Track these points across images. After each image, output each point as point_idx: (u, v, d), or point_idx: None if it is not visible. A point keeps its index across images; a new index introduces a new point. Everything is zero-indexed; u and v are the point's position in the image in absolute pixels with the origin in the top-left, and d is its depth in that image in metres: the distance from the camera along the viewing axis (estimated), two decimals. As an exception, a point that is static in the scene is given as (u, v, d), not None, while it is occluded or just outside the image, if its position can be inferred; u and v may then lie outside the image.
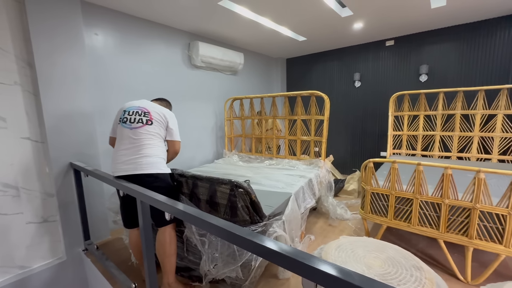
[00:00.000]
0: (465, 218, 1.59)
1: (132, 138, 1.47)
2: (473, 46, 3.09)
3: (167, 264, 1.46)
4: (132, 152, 1.45)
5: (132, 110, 1.54)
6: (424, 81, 3.43)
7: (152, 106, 1.58)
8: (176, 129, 1.60)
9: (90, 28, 2.25)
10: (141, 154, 1.44)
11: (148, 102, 1.61)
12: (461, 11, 2.71)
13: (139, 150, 1.45)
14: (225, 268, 1.33)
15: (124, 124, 1.52)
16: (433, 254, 1.95)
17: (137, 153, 1.45)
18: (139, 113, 1.52)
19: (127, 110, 1.55)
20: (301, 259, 0.63)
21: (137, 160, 1.43)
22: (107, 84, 2.42)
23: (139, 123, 1.49)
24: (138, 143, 1.46)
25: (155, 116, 1.53)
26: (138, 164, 1.43)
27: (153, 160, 1.46)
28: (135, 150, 1.45)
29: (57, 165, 1.90)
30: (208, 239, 1.42)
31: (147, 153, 1.45)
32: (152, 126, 1.50)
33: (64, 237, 1.97)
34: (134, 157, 1.44)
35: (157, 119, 1.53)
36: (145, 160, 1.44)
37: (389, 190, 1.84)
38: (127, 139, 1.48)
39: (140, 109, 1.54)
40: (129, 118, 1.51)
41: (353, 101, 4.11)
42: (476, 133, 2.89)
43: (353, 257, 1.23)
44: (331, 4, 2.43)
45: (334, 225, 2.52)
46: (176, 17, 2.66)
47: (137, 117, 1.50)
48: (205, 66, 3.29)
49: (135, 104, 1.57)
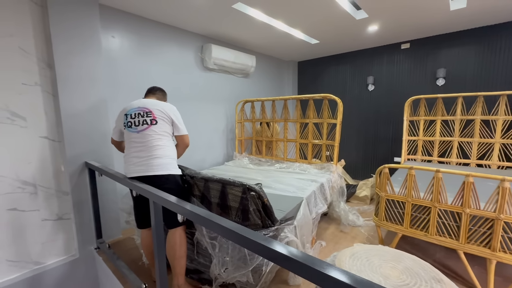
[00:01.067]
0: (487, 229, 1.50)
1: (141, 141, 1.47)
2: (494, 49, 2.97)
3: (177, 266, 1.45)
4: (142, 154, 1.46)
5: (134, 112, 1.52)
6: (441, 85, 3.33)
7: (152, 103, 1.55)
8: (181, 122, 1.58)
9: (107, 31, 2.31)
10: (152, 156, 1.45)
11: (146, 100, 1.58)
12: (482, 13, 2.62)
13: (149, 151, 1.46)
14: (235, 272, 1.31)
15: (130, 128, 1.51)
16: (451, 266, 1.86)
17: (148, 154, 1.45)
18: (141, 114, 1.50)
19: (128, 113, 1.53)
20: (317, 266, 0.60)
21: (148, 161, 1.44)
22: (122, 85, 2.47)
23: (144, 125, 1.48)
24: (148, 145, 1.46)
25: (158, 114, 1.50)
26: (149, 165, 1.44)
27: (164, 161, 1.46)
28: (145, 152, 1.46)
29: (73, 164, 1.95)
30: (218, 243, 1.41)
31: (157, 154, 1.46)
32: (157, 125, 1.49)
33: (77, 235, 2.01)
34: (144, 158, 1.45)
35: (161, 117, 1.50)
36: (155, 162, 1.44)
37: (405, 197, 1.78)
38: (136, 142, 1.48)
39: (141, 109, 1.51)
40: (133, 121, 1.50)
41: (366, 104, 4.03)
42: (497, 139, 2.76)
43: (368, 266, 1.18)
44: (345, 6, 2.39)
45: (346, 231, 2.46)
46: (190, 20, 2.70)
47: (140, 119, 1.49)
48: (217, 68, 3.31)
49: (134, 106, 1.55)
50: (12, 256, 1.78)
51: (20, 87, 1.75)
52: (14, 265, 1.79)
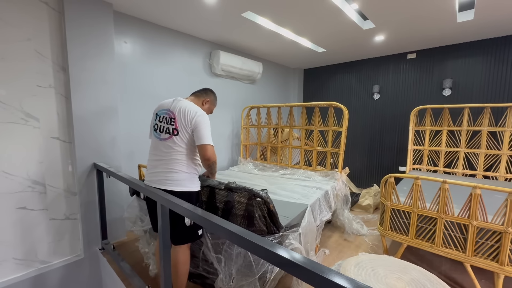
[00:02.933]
0: (495, 242, 1.49)
1: (162, 150, 1.41)
2: (501, 61, 2.97)
3: (178, 282, 1.42)
4: (161, 164, 1.41)
5: (162, 115, 1.44)
6: (447, 96, 3.32)
7: (180, 107, 1.41)
8: (204, 130, 1.38)
9: (120, 36, 2.38)
10: (169, 169, 1.38)
11: (178, 102, 1.45)
12: (489, 25, 2.63)
13: (167, 164, 1.39)
14: (243, 281, 1.32)
15: (155, 132, 1.45)
16: (457, 279, 1.83)
17: (166, 167, 1.39)
18: (166, 119, 1.42)
19: (158, 114, 1.46)
20: (324, 274, 0.61)
21: (164, 174, 1.39)
22: (132, 90, 2.52)
23: (166, 134, 1.40)
24: (168, 157, 1.39)
25: (180, 122, 1.39)
26: (165, 179, 1.38)
27: (180, 177, 1.38)
28: (164, 163, 1.40)
29: (82, 165, 1.98)
30: (224, 256, 1.41)
31: (174, 169, 1.38)
32: (178, 136, 1.38)
33: (83, 235, 2.03)
34: (162, 170, 1.40)
35: (182, 125, 1.38)
36: (171, 176, 1.38)
37: (411, 208, 1.77)
38: (158, 150, 1.43)
39: (168, 114, 1.42)
40: (160, 126, 1.43)
41: (371, 113, 4.03)
42: (505, 151, 2.74)
43: (373, 276, 1.17)
44: (353, 17, 2.43)
45: (350, 240, 2.44)
46: (200, 27, 2.76)
47: (165, 126, 1.41)
48: (224, 74, 3.36)
49: (165, 106, 1.46)
50: (19, 254, 1.81)
51: (35, 89, 1.80)
52: (21, 263, 1.82)
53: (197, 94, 1.63)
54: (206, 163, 1.45)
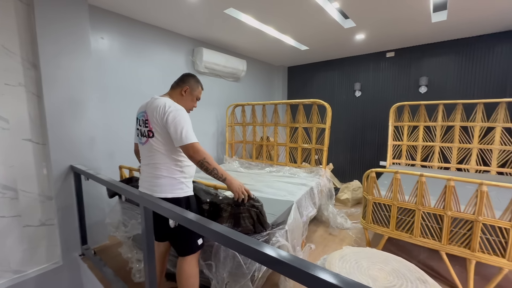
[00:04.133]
0: (467, 231, 1.59)
1: (146, 155, 1.33)
2: (471, 60, 3.15)
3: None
4: (147, 169, 1.33)
5: (140, 117, 1.33)
6: (423, 93, 3.48)
7: (153, 106, 1.26)
8: (179, 128, 1.19)
9: (97, 32, 2.27)
10: (152, 175, 1.29)
11: (153, 101, 1.30)
12: (461, 26, 2.78)
13: (151, 169, 1.30)
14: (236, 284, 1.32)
15: (137, 137, 1.38)
16: (434, 266, 1.94)
17: (149, 171, 1.31)
18: (144, 122, 1.30)
19: (138, 117, 1.36)
20: (309, 269, 0.62)
21: (150, 180, 1.30)
22: (111, 87, 2.42)
23: (144, 137, 1.31)
24: (150, 162, 1.30)
25: (153, 122, 1.25)
26: (150, 185, 1.29)
27: (162, 182, 1.27)
28: (148, 168, 1.32)
29: (58, 168, 1.88)
30: (214, 262, 1.40)
31: (157, 174, 1.28)
32: (155, 138, 1.26)
33: (61, 241, 1.94)
34: (147, 175, 1.32)
35: (156, 125, 1.24)
36: (154, 182, 1.28)
37: (391, 201, 1.84)
38: (143, 155, 1.36)
39: (143, 115, 1.31)
40: (140, 130, 1.33)
41: (353, 110, 4.15)
42: (475, 145, 2.92)
43: (357, 268, 1.21)
44: (334, 15, 2.47)
45: (334, 234, 2.50)
46: (182, 24, 2.69)
47: (143, 129, 1.31)
48: (208, 72, 3.31)
49: (142, 108, 1.35)
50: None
51: (2, 88, 1.68)
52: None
53: (173, 86, 1.42)
54: (194, 163, 1.26)
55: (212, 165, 1.24)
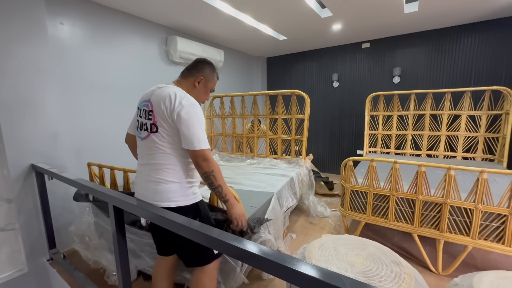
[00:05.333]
0: (437, 213, 1.68)
1: (144, 153, 1.12)
2: (440, 50, 3.30)
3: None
4: (144, 170, 1.12)
5: (142, 108, 1.12)
6: (397, 83, 3.61)
7: (159, 95, 1.06)
8: (193, 128, 1.01)
9: (54, 17, 2.06)
10: (153, 178, 1.08)
11: (159, 89, 1.10)
12: (431, 17, 2.88)
13: (150, 171, 1.09)
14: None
15: (137, 131, 1.16)
16: (407, 248, 2.04)
17: (150, 175, 1.09)
18: (146, 113, 1.09)
19: (139, 107, 1.15)
20: (285, 262, 0.60)
21: (150, 185, 1.08)
22: (75, 78, 2.23)
23: (145, 132, 1.09)
24: (152, 161, 1.08)
25: (158, 115, 1.05)
26: (151, 191, 1.08)
27: (165, 188, 1.06)
28: (147, 169, 1.10)
29: (16, 167, 1.71)
30: None
31: (160, 178, 1.06)
32: (158, 134, 1.05)
33: (24, 247, 1.78)
34: (145, 179, 1.11)
35: (163, 120, 1.04)
36: (157, 188, 1.06)
37: (367, 188, 1.90)
38: (141, 152, 1.15)
39: (147, 105, 1.10)
40: (140, 122, 1.13)
41: (331, 100, 4.21)
42: (443, 132, 3.10)
43: (335, 255, 1.23)
44: (311, 4, 2.44)
45: (315, 222, 2.56)
46: (153, 10, 2.52)
47: (144, 121, 1.10)
48: (183, 62, 3.17)
49: (145, 97, 1.14)
50: None
51: None
52: None
53: (184, 74, 1.19)
54: (199, 172, 1.06)
55: (218, 181, 1.06)
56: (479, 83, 3.11)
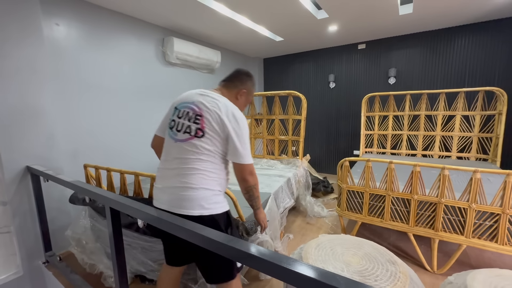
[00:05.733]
0: (431, 212, 1.70)
1: (175, 156, 1.05)
2: (434, 52, 3.34)
3: None
4: (172, 175, 1.04)
5: (183, 109, 1.08)
6: (392, 84, 3.64)
7: (208, 102, 1.05)
8: (244, 142, 1.04)
9: (50, 17, 2.04)
10: (185, 184, 1.00)
11: (207, 95, 1.09)
12: (425, 19, 2.92)
13: (184, 176, 1.01)
14: None
15: (170, 131, 1.09)
16: (403, 247, 2.06)
17: (181, 180, 1.01)
18: (189, 115, 1.05)
19: (178, 107, 1.10)
20: (282, 263, 0.60)
21: (180, 191, 1.01)
22: (71, 80, 2.21)
23: (185, 134, 1.04)
24: (184, 166, 1.02)
25: (208, 122, 1.02)
26: (180, 198, 1.01)
27: (198, 194, 1.00)
28: (176, 173, 1.03)
29: (11, 169, 1.69)
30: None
31: (192, 184, 1.00)
32: (203, 139, 1.02)
33: (20, 250, 1.76)
34: (173, 185, 1.03)
35: (212, 127, 1.02)
36: (188, 195, 1.00)
37: (363, 188, 1.92)
38: (170, 155, 1.07)
39: (191, 108, 1.06)
40: (177, 122, 1.07)
41: (328, 101, 4.24)
42: (438, 132, 3.13)
43: (332, 255, 1.24)
44: (307, 5, 2.46)
45: (312, 223, 2.57)
46: (149, 11, 2.52)
47: (185, 123, 1.05)
48: (180, 63, 3.17)
49: (188, 99, 1.10)
50: None
51: None
52: None
53: (227, 84, 1.20)
54: (243, 186, 1.09)
55: (257, 192, 1.11)
56: (473, 83, 3.15)
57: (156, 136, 1.22)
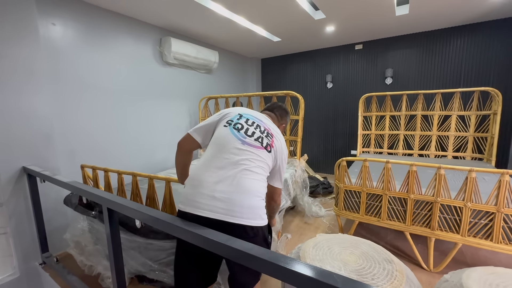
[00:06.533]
0: (427, 211, 1.72)
1: (237, 156, 0.99)
2: (430, 52, 3.37)
3: None
4: (229, 178, 0.96)
5: (253, 120, 1.11)
6: (389, 84, 3.67)
7: (274, 127, 1.17)
8: (284, 169, 1.16)
9: (46, 17, 2.03)
10: (243, 188, 0.95)
11: (271, 122, 1.20)
12: (422, 20, 2.94)
13: (240, 179, 0.96)
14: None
15: (234, 130, 1.05)
16: (399, 246, 2.08)
17: (237, 184, 0.95)
18: (261, 129, 1.09)
19: (244, 115, 1.11)
20: (279, 262, 0.61)
21: (234, 196, 0.93)
22: (68, 80, 2.20)
23: (257, 142, 1.05)
24: (242, 168, 0.98)
25: (275, 143, 1.10)
26: (235, 204, 0.93)
27: (257, 203, 0.99)
28: (234, 177, 0.96)
29: (7, 170, 1.68)
30: None
31: (253, 189, 0.97)
32: (269, 154, 1.06)
33: (16, 251, 1.75)
34: (231, 189, 0.94)
35: (275, 150, 1.09)
36: (247, 201, 0.95)
37: (360, 187, 1.93)
38: (231, 155, 0.99)
39: (262, 124, 1.12)
40: (247, 128, 1.07)
41: (325, 101, 4.25)
42: (434, 132, 3.16)
43: (329, 254, 1.25)
44: (304, 6, 2.47)
45: (310, 222, 2.58)
46: (147, 11, 2.51)
47: (257, 132, 1.07)
48: (178, 63, 3.16)
49: (255, 114, 1.15)
50: None
51: None
52: None
53: (272, 115, 1.30)
54: (272, 206, 1.22)
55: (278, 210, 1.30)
56: (469, 84, 3.18)
57: (190, 137, 1.14)
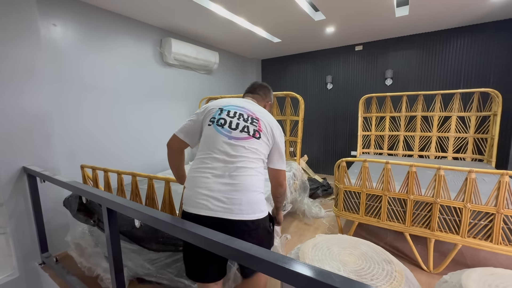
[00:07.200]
0: (427, 212, 1.71)
1: (229, 153, 0.99)
2: (430, 53, 3.37)
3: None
4: (224, 177, 0.97)
5: (234, 110, 1.07)
6: (389, 85, 3.67)
7: (258, 110, 1.11)
8: (283, 149, 1.10)
9: (47, 18, 2.04)
10: (239, 185, 0.96)
11: (253, 103, 1.15)
12: (421, 21, 2.95)
13: (235, 177, 0.97)
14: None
15: (218, 127, 1.03)
16: (399, 247, 2.08)
17: (233, 182, 0.96)
18: (244, 117, 1.05)
19: (225, 108, 1.07)
20: (281, 263, 0.62)
21: (232, 195, 0.95)
22: (69, 81, 2.21)
23: (243, 133, 1.02)
24: (236, 165, 0.98)
25: (264, 127, 1.05)
26: (233, 202, 0.94)
27: (255, 197, 0.99)
28: (229, 175, 0.97)
29: (7, 170, 1.69)
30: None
31: (248, 185, 0.97)
32: (259, 141, 1.03)
33: (15, 251, 1.75)
34: (227, 188, 0.96)
35: (265, 132, 1.05)
36: (245, 197, 0.96)
37: (360, 188, 1.93)
38: (221, 153, 1.00)
39: (245, 111, 1.07)
40: (230, 121, 1.04)
41: (325, 102, 4.26)
42: (434, 133, 3.16)
43: (329, 255, 1.25)
44: (304, 7, 2.48)
45: (309, 223, 2.58)
46: (147, 12, 2.52)
47: (241, 123, 1.03)
48: (178, 64, 3.17)
49: (237, 103, 1.11)
50: None
51: None
52: None
53: (255, 96, 1.24)
54: (279, 191, 1.14)
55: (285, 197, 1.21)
56: (469, 85, 3.19)
57: (176, 137, 1.12)
